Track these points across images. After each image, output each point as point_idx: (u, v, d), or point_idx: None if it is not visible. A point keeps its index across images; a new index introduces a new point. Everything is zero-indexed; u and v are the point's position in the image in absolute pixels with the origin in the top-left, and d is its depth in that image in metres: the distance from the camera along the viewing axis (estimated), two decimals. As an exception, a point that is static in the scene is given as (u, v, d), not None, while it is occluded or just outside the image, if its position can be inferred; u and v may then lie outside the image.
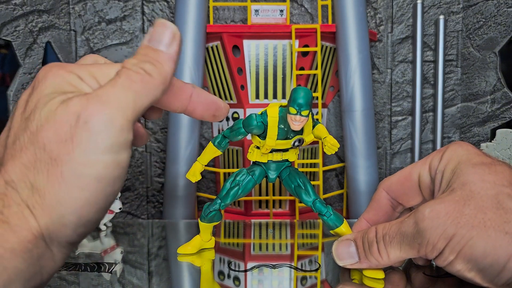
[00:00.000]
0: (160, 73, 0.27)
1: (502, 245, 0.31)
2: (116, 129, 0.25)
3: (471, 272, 0.32)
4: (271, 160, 0.41)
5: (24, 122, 0.26)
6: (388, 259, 0.36)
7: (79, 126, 0.25)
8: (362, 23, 0.72)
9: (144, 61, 0.27)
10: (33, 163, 0.25)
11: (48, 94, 0.26)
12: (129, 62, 0.27)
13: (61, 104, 0.26)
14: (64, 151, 0.25)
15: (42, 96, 0.26)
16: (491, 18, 0.77)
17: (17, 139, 0.26)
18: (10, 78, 0.68)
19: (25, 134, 0.26)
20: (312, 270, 0.42)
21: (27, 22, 0.68)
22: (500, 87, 0.77)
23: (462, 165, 0.35)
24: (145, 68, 0.27)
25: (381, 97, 0.82)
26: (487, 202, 0.32)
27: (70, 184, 0.25)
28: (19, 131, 0.26)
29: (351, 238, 0.38)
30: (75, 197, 0.25)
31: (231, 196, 0.41)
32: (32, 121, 0.26)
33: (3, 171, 0.25)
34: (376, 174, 0.75)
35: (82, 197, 0.25)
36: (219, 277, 0.40)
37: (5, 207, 0.24)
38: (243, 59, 0.73)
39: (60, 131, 0.25)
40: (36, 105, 0.26)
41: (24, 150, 0.25)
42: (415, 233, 0.33)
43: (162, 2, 0.78)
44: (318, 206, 0.41)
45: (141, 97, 0.26)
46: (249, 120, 0.38)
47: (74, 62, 0.32)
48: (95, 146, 0.25)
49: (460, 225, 0.32)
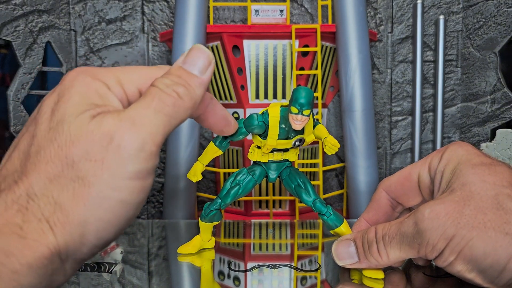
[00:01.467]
0: (191, 98, 0.27)
1: (502, 245, 0.31)
2: (146, 155, 0.25)
3: (472, 273, 0.33)
4: (271, 160, 0.41)
5: (51, 133, 0.26)
6: (388, 259, 0.36)
7: (111, 148, 0.25)
8: (362, 23, 0.72)
9: (177, 83, 0.27)
10: (58, 178, 0.25)
11: (76, 105, 0.26)
12: (161, 82, 0.27)
13: (93, 120, 0.25)
14: (92, 172, 0.25)
15: (70, 106, 0.26)
16: (491, 18, 0.77)
17: (42, 150, 0.25)
18: (10, 78, 0.68)
19: (52, 146, 0.25)
20: (312, 270, 0.42)
21: (27, 22, 0.68)
22: (500, 87, 0.77)
23: (461, 165, 0.35)
24: (178, 91, 0.27)
25: (381, 97, 0.82)
26: (487, 202, 0.32)
27: (95, 205, 0.25)
28: (45, 142, 0.26)
29: (350, 238, 0.38)
30: (99, 218, 0.25)
31: (231, 195, 0.41)
32: (61, 134, 0.25)
33: (26, 183, 0.25)
34: (376, 174, 0.75)
35: (105, 219, 0.25)
36: (219, 277, 0.40)
37: (25, 222, 0.24)
38: (243, 59, 0.73)
39: (91, 151, 0.25)
40: (63, 117, 0.26)
41: (49, 164, 0.25)
42: (415, 233, 0.33)
43: (162, 2, 0.78)
44: (318, 206, 0.41)
45: (171, 120, 0.27)
46: (250, 120, 0.38)
47: (74, 62, 0.32)
48: (124, 170, 0.25)
49: (460, 226, 0.32)
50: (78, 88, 0.27)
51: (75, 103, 0.26)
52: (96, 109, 0.26)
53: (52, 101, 0.27)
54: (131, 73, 0.29)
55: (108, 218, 0.25)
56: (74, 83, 0.27)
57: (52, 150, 0.25)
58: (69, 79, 0.28)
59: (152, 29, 0.79)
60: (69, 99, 0.26)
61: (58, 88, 0.28)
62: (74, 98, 0.27)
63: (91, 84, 0.27)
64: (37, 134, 0.26)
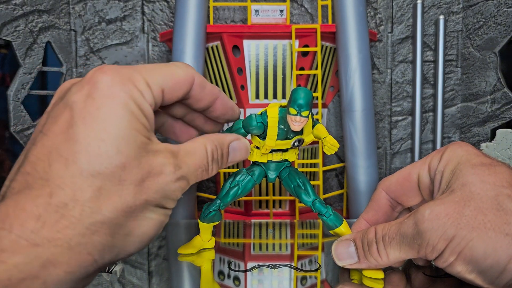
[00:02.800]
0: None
1: (503, 246, 0.31)
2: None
3: (472, 274, 0.33)
4: (270, 160, 0.41)
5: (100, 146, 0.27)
6: (388, 260, 0.36)
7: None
8: (362, 23, 0.72)
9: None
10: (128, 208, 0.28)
11: (123, 123, 0.28)
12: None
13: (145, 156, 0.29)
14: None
15: (116, 124, 0.28)
16: (491, 18, 0.77)
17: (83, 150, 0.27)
18: (10, 78, 0.68)
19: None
20: (312, 270, 0.42)
21: (27, 22, 0.68)
22: (500, 87, 0.77)
23: (461, 165, 0.35)
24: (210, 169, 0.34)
25: (381, 97, 0.82)
26: (487, 203, 0.32)
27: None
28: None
29: (350, 238, 0.38)
30: (137, 248, 0.30)
31: (230, 196, 0.41)
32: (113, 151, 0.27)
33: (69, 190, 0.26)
34: (376, 174, 0.75)
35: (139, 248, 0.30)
36: (219, 277, 0.40)
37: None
38: (243, 59, 0.73)
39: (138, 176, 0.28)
40: (111, 135, 0.27)
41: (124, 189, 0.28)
42: (415, 234, 0.33)
43: (162, 2, 0.78)
44: (318, 206, 0.41)
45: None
46: (249, 121, 0.38)
47: (74, 62, 0.33)
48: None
49: (460, 227, 0.32)
50: (118, 97, 0.28)
51: (119, 119, 0.28)
52: (145, 145, 0.29)
53: (81, 101, 0.28)
54: (156, 75, 0.31)
55: (141, 247, 0.30)
56: (113, 90, 0.28)
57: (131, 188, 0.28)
58: (105, 84, 0.28)
59: (152, 29, 0.79)
60: (112, 111, 0.28)
61: (88, 88, 0.28)
62: (117, 108, 0.27)
63: (129, 92, 0.28)
64: (77, 132, 0.27)
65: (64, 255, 0.25)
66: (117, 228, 0.27)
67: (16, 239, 0.24)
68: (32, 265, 0.24)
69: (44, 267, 0.24)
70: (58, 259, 0.25)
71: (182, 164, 0.31)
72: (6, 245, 0.24)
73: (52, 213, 0.25)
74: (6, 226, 0.24)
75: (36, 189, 0.26)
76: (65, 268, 0.25)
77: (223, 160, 0.34)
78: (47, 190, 0.25)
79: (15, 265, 0.23)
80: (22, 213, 0.25)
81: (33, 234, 0.24)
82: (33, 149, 0.27)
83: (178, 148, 0.31)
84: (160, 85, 0.31)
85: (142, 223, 0.29)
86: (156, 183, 0.29)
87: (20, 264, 0.24)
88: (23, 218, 0.25)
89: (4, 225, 0.24)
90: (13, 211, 0.25)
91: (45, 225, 0.25)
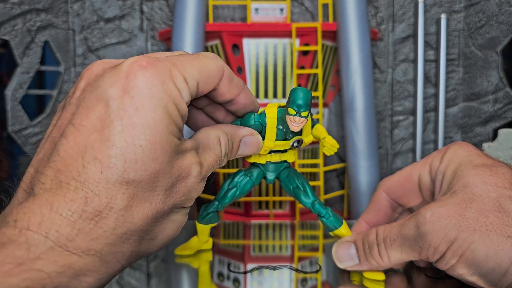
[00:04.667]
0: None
1: (504, 249, 0.31)
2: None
3: (473, 276, 0.32)
4: (269, 161, 0.41)
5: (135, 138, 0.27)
6: (389, 262, 0.36)
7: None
8: (363, 22, 0.72)
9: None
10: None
11: (161, 126, 0.27)
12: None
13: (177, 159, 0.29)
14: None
15: (153, 125, 0.27)
16: (493, 17, 0.77)
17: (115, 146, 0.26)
18: (8, 78, 0.68)
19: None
20: (312, 271, 0.42)
21: (25, 21, 0.68)
22: (502, 86, 0.77)
23: (463, 166, 0.35)
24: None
25: (383, 97, 0.82)
26: (488, 205, 0.32)
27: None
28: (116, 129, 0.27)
29: (351, 240, 0.38)
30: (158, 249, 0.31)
31: (228, 197, 0.41)
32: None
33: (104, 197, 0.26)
34: (377, 175, 0.75)
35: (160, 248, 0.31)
36: (219, 279, 0.40)
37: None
38: (242, 58, 0.73)
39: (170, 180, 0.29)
40: (147, 135, 0.27)
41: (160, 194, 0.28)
42: (416, 236, 0.33)
43: (161, 1, 0.78)
44: (317, 208, 0.40)
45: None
46: (247, 120, 0.38)
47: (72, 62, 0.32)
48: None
49: (462, 229, 0.31)
50: (158, 98, 0.27)
51: (158, 124, 0.27)
52: (177, 147, 0.29)
53: (118, 97, 0.27)
54: (192, 69, 0.30)
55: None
56: (153, 90, 0.28)
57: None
58: (145, 82, 0.27)
59: (151, 28, 0.78)
60: (151, 115, 0.27)
61: (125, 82, 0.27)
62: (156, 111, 0.27)
63: (169, 92, 0.28)
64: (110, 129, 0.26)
65: (95, 264, 0.25)
66: (145, 234, 0.27)
67: (52, 246, 0.24)
68: (65, 275, 0.24)
69: (75, 277, 0.24)
70: (89, 269, 0.25)
71: (204, 162, 0.31)
72: (42, 252, 0.23)
73: (86, 221, 0.25)
74: (42, 230, 0.24)
75: (70, 191, 0.25)
76: (95, 276, 0.25)
77: (232, 153, 0.34)
78: (81, 195, 0.25)
79: (49, 274, 0.23)
80: (57, 217, 0.24)
81: (68, 242, 0.24)
82: (64, 143, 0.27)
83: (197, 143, 0.31)
84: (196, 79, 0.30)
85: (167, 226, 0.29)
86: (184, 186, 0.29)
87: (54, 273, 0.23)
88: (59, 224, 0.24)
89: (40, 229, 0.24)
90: (47, 213, 0.24)
91: (80, 233, 0.24)
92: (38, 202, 0.25)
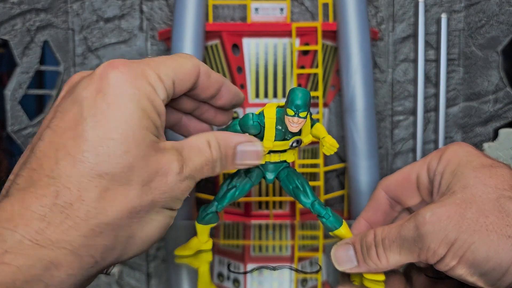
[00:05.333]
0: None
1: (505, 249, 0.31)
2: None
3: (473, 277, 0.32)
4: (268, 161, 0.41)
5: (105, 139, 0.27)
6: (387, 264, 0.35)
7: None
8: (363, 21, 0.72)
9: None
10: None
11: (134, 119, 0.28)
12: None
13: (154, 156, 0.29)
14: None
15: (125, 119, 0.27)
16: (493, 17, 0.77)
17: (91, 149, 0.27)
18: (8, 78, 0.68)
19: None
20: (312, 272, 0.42)
21: (25, 21, 0.67)
22: (502, 86, 0.77)
23: (462, 167, 0.35)
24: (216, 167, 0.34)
25: (383, 97, 0.82)
26: (488, 205, 0.32)
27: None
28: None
29: (349, 242, 0.38)
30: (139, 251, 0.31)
31: (228, 198, 0.41)
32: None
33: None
34: (377, 175, 0.75)
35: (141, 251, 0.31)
36: (219, 279, 0.40)
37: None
38: (242, 58, 0.73)
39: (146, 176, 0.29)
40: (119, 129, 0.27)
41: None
42: (416, 237, 0.33)
43: (161, 1, 0.78)
44: (317, 208, 0.40)
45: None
46: (246, 120, 0.38)
47: (72, 61, 0.33)
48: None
49: (462, 230, 0.32)
50: (130, 94, 0.28)
51: (130, 118, 0.27)
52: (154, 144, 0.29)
53: (91, 97, 0.27)
54: (166, 68, 0.31)
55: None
56: (125, 87, 0.28)
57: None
58: (116, 80, 0.28)
59: (151, 27, 0.78)
60: (123, 109, 0.27)
61: (98, 83, 0.28)
62: (128, 105, 0.27)
63: (141, 88, 0.28)
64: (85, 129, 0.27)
65: (67, 257, 0.25)
66: (120, 230, 0.27)
67: (21, 239, 0.24)
68: (35, 267, 0.24)
69: (47, 270, 0.24)
70: (60, 262, 0.25)
71: (188, 162, 0.30)
72: (10, 246, 0.24)
73: (57, 214, 0.25)
74: (11, 225, 0.24)
75: (41, 187, 0.25)
76: (67, 270, 0.25)
77: (227, 160, 0.34)
78: (53, 189, 0.25)
79: (19, 267, 0.23)
80: (27, 212, 0.25)
81: (38, 234, 0.24)
82: (40, 144, 0.27)
83: (183, 145, 0.31)
84: (171, 78, 0.31)
85: (146, 225, 0.29)
86: (164, 183, 0.29)
87: (24, 266, 0.23)
88: (28, 218, 0.24)
89: (9, 224, 0.24)
90: (18, 209, 0.25)
91: (50, 226, 0.25)
92: (10, 201, 0.25)
